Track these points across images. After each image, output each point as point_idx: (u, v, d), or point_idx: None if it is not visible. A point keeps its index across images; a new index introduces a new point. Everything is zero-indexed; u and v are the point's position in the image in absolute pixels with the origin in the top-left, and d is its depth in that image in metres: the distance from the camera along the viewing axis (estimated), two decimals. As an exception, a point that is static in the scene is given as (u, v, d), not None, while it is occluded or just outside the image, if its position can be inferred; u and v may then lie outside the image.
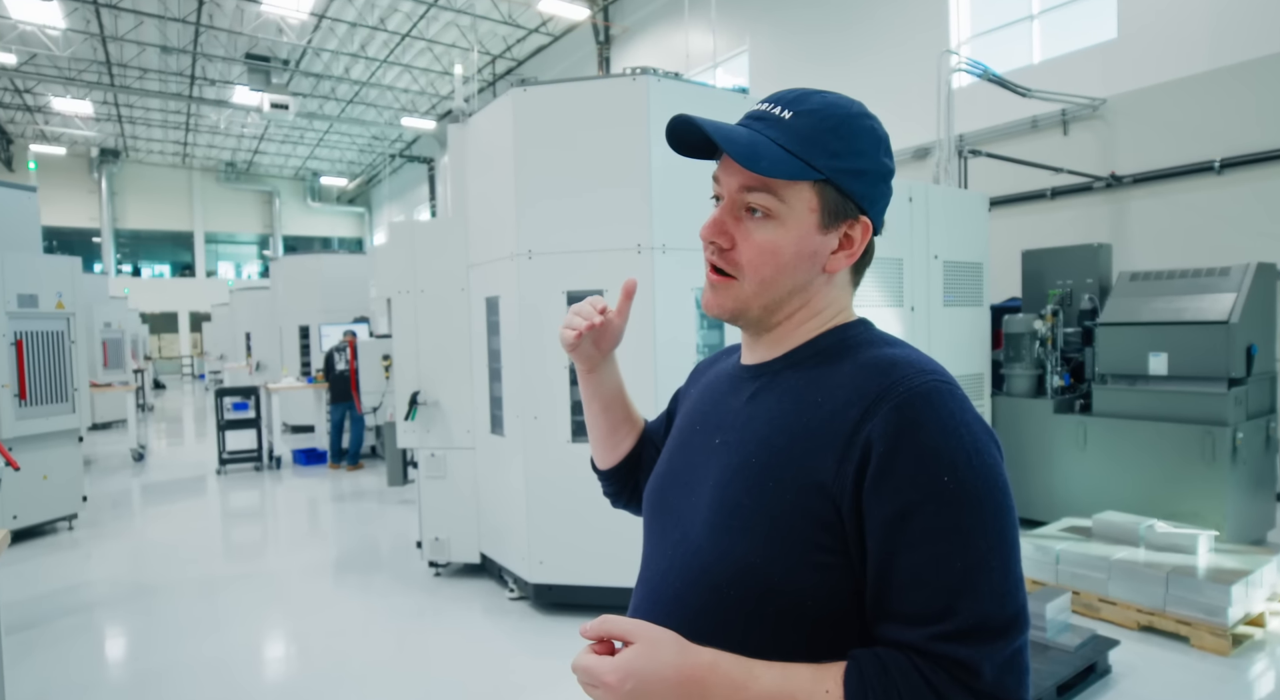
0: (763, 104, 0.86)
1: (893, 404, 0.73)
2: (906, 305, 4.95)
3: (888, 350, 0.82)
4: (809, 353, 0.86)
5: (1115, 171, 6.99)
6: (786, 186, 0.80)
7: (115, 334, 11.47)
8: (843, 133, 0.82)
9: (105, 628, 4.18)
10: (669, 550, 0.89)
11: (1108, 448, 4.92)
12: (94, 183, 25.30)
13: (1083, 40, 7.42)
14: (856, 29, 9.50)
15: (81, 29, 14.89)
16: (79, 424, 5.97)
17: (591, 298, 1.05)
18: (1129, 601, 3.69)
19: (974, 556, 0.69)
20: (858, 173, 0.83)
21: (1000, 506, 0.72)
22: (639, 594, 0.93)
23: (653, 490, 0.99)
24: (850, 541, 0.74)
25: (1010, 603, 0.70)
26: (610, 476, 1.19)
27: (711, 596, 0.80)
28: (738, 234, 0.83)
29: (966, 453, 0.71)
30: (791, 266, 0.83)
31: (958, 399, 0.75)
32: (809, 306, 0.87)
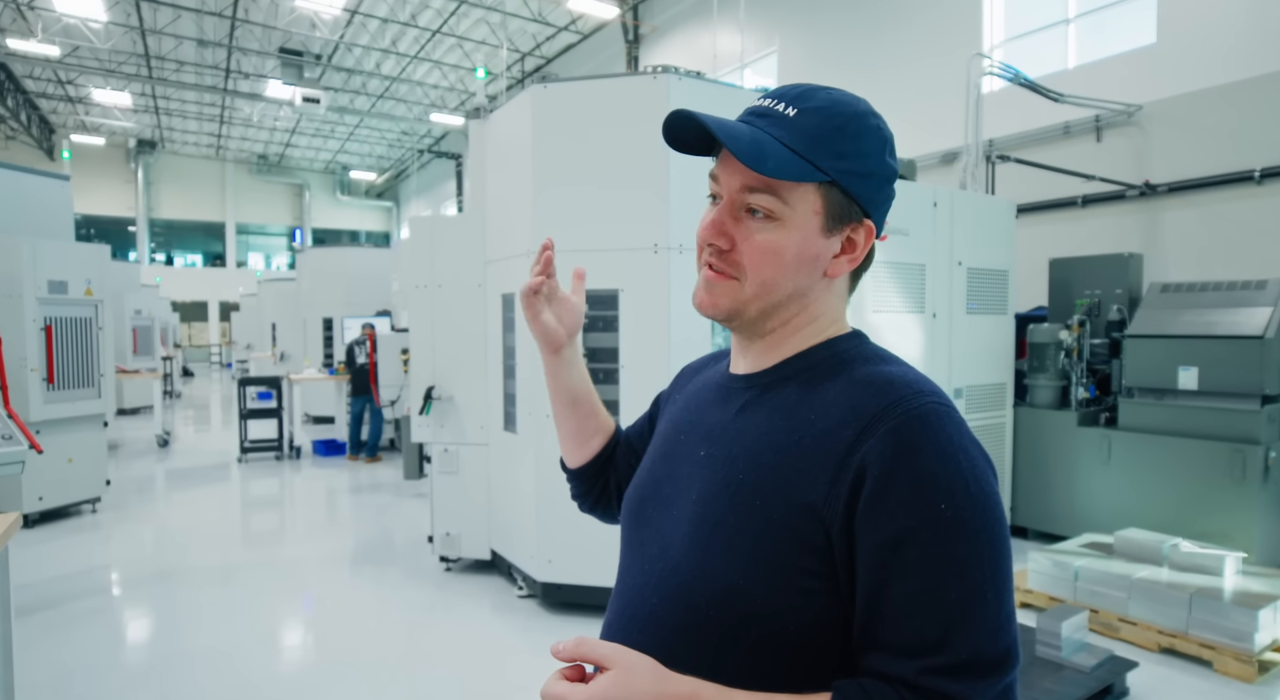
0: (765, 99, 0.82)
1: (890, 426, 0.70)
2: (928, 312, 4.87)
3: (884, 368, 0.78)
4: (801, 366, 0.83)
5: (1150, 180, 6.81)
6: (790, 188, 0.77)
7: (145, 321, 11.70)
8: (849, 133, 0.79)
9: (123, 611, 4.24)
10: (646, 565, 0.85)
11: (1132, 463, 4.80)
12: (131, 173, 25.84)
13: (1120, 45, 7.25)
14: (887, 31, 9.38)
15: (122, 22, 15.20)
16: (104, 409, 6.07)
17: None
18: (1150, 622, 3.59)
19: (969, 588, 0.66)
20: (864, 175, 0.80)
21: (997, 537, 0.69)
22: (613, 609, 0.90)
23: (632, 500, 0.95)
24: (839, 567, 0.71)
25: (1004, 637, 0.67)
26: (579, 476, 1.15)
27: (688, 616, 0.77)
28: (737, 235, 0.80)
29: (965, 479, 0.68)
30: (793, 270, 0.80)
31: (955, 422, 0.72)
32: (806, 312, 0.84)
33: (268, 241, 29.79)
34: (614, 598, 0.91)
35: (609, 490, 1.15)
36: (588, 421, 1.12)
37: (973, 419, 5.19)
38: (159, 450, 9.24)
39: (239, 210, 28.33)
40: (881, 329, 4.60)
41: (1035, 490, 5.33)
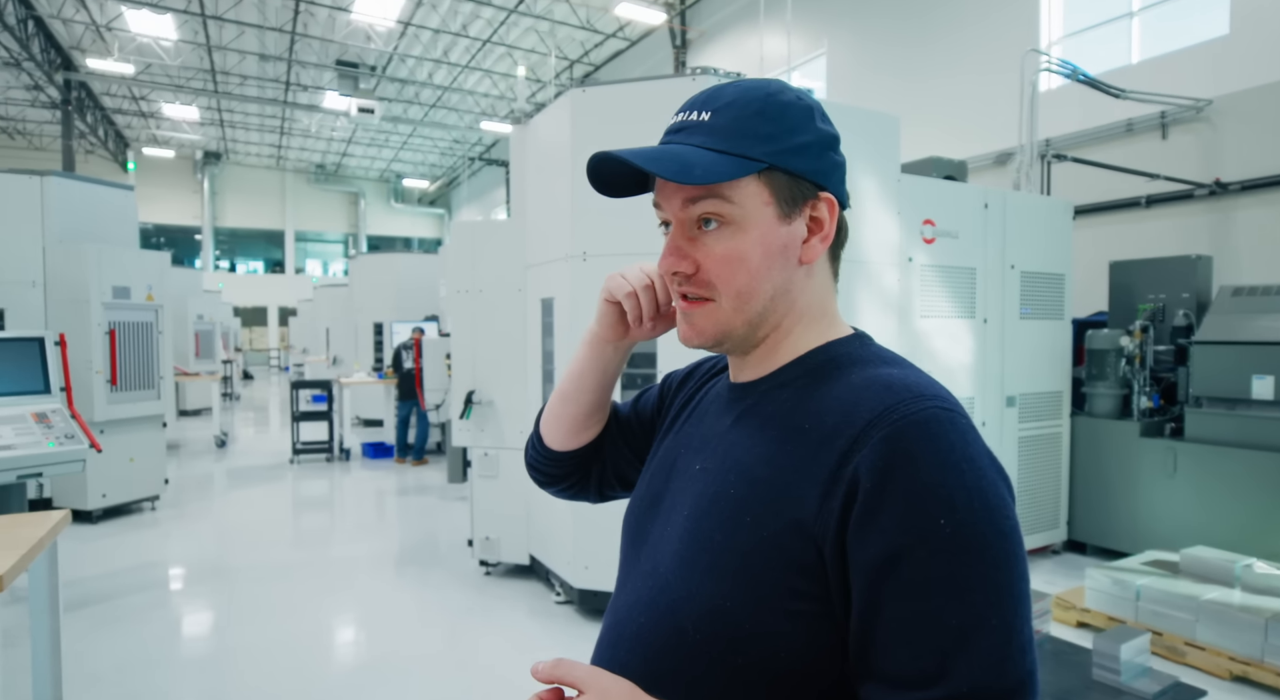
0: (678, 114, 0.79)
1: (884, 433, 0.64)
2: (979, 317, 4.70)
3: (884, 370, 0.72)
4: (798, 372, 0.78)
5: (1220, 178, 6.47)
6: (731, 187, 0.73)
7: (207, 326, 12.14)
8: (769, 115, 0.74)
9: (178, 605, 4.37)
10: (637, 582, 0.81)
11: (1200, 476, 4.54)
12: (197, 183, 26.95)
13: (1189, 38, 6.92)
14: (939, 30, 9.15)
15: (190, 39, 15.86)
16: (163, 410, 6.30)
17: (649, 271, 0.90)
18: (1220, 647, 3.37)
19: (971, 614, 0.60)
20: (799, 149, 0.74)
21: (1005, 555, 0.62)
22: (605, 626, 0.86)
23: (630, 515, 0.91)
24: (833, 589, 0.65)
25: (1013, 670, 0.60)
26: (561, 460, 1.05)
27: (675, 638, 0.72)
28: (698, 254, 0.75)
29: (968, 491, 0.62)
30: (764, 269, 0.75)
31: (960, 429, 0.65)
32: (794, 309, 0.78)
33: (325, 248, 30.71)
34: (608, 614, 0.87)
35: (588, 479, 1.07)
36: (596, 412, 1.03)
37: (1027, 428, 4.99)
38: (217, 450, 9.56)
39: (298, 218, 29.27)
40: (929, 335, 4.45)
41: (1094, 503, 5.09)
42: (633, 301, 0.89)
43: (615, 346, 0.97)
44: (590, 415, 1.02)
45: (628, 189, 0.82)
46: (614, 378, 1.00)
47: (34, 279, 5.68)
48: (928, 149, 6.03)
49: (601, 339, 0.96)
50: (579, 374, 0.99)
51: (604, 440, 1.06)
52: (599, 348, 0.97)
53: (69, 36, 15.78)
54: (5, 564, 1.89)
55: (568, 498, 1.11)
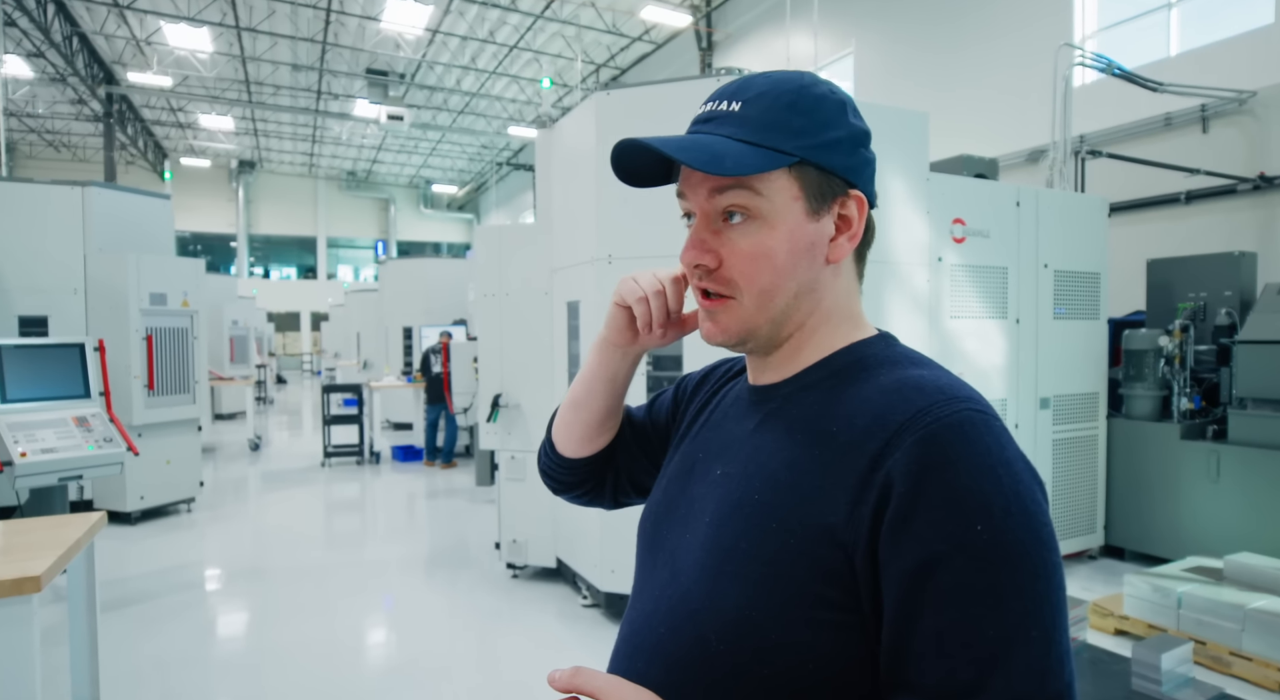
0: (707, 104, 0.76)
1: (918, 436, 0.62)
2: (1011, 317, 4.61)
3: (914, 372, 0.70)
4: (823, 373, 0.75)
5: (1265, 172, 6.28)
6: (760, 180, 0.71)
7: (242, 331, 12.39)
8: (801, 107, 0.72)
9: (214, 606, 4.46)
10: (657, 591, 0.79)
11: (1245, 481, 4.39)
12: (232, 191, 27.54)
13: (1230, 29, 6.73)
14: (969, 24, 9.01)
15: (225, 51, 16.23)
16: (199, 414, 6.43)
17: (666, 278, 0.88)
18: (1268, 658, 3.26)
19: (1009, 623, 0.57)
20: (831, 144, 0.72)
21: (1043, 564, 0.59)
22: (622, 636, 0.84)
23: (646, 521, 0.89)
24: (864, 598, 0.63)
25: (1052, 681, 0.57)
26: (574, 466, 1.03)
27: (697, 648, 0.70)
28: (722, 248, 0.73)
29: (1005, 496, 0.59)
30: (790, 267, 0.73)
31: (995, 432, 0.63)
32: (820, 309, 0.76)
33: (356, 254, 31.17)
34: (624, 623, 0.85)
35: (602, 486, 1.05)
36: (609, 419, 1.01)
37: (1062, 431, 4.87)
38: (251, 453, 9.73)
39: (330, 224, 29.76)
40: (960, 336, 4.38)
41: (1132, 508, 4.96)
42: (643, 307, 0.88)
43: (624, 352, 0.94)
44: (601, 422, 1.00)
45: (653, 179, 0.80)
46: (624, 384, 0.98)
47: (75, 286, 5.84)
48: (958, 148, 5.93)
49: (610, 344, 0.94)
50: (589, 380, 0.97)
51: (617, 446, 1.03)
52: (608, 353, 0.95)
53: (111, 51, 16.24)
54: (43, 564, 1.93)
55: (582, 504, 1.09)
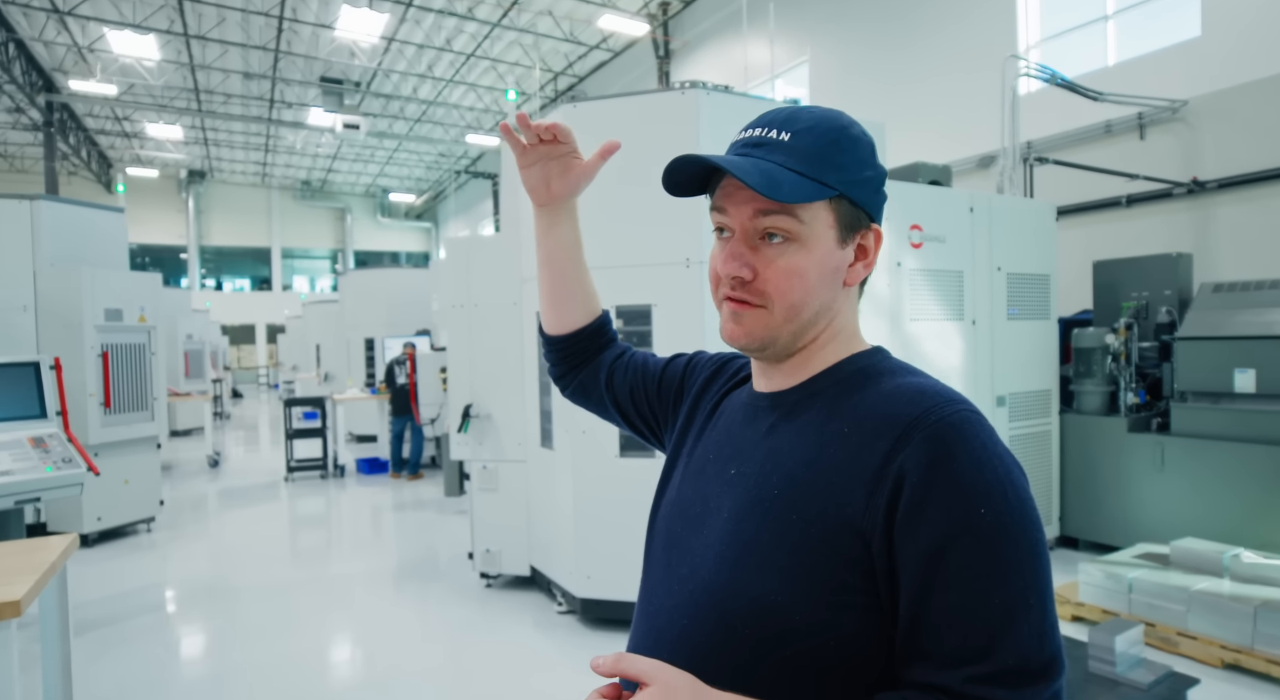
0: (752, 129, 0.84)
1: (925, 434, 0.70)
2: (967, 319, 4.78)
3: (911, 379, 0.79)
4: (828, 382, 0.84)
5: (1198, 177, 6.61)
6: (805, 208, 0.79)
7: (196, 345, 12.09)
8: (843, 146, 0.81)
9: (178, 627, 4.37)
10: (675, 586, 0.85)
11: (1187, 470, 4.63)
12: (182, 202, 26.84)
13: (1162, 40, 7.07)
14: (919, 38, 9.30)
15: (173, 59, 15.85)
16: (158, 431, 6.29)
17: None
18: (1212, 637, 3.45)
19: (1012, 594, 0.66)
20: (864, 182, 0.82)
21: (1035, 542, 0.68)
22: (640, 630, 0.90)
23: (661, 520, 0.95)
24: (879, 580, 0.70)
25: (1049, 643, 0.66)
26: (552, 344, 1.19)
27: (722, 634, 0.77)
28: (758, 263, 0.81)
29: (1002, 485, 0.68)
30: (817, 287, 0.81)
31: (987, 430, 0.72)
32: (832, 326, 0.85)
33: (312, 264, 30.61)
34: (639, 619, 0.91)
35: (595, 389, 1.18)
36: (560, 286, 1.14)
37: (1017, 427, 5.07)
38: (210, 470, 9.51)
39: (284, 235, 29.18)
40: (920, 338, 4.53)
41: (1085, 499, 5.17)
42: (508, 135, 1.03)
43: (548, 211, 1.11)
44: (555, 291, 1.15)
45: (689, 191, 0.88)
46: (562, 251, 1.13)
47: (25, 303, 5.67)
48: (912, 153, 6.13)
49: (535, 207, 1.12)
50: (536, 245, 1.15)
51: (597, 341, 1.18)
52: (536, 216, 1.13)
53: (51, 58, 15.74)
54: (21, 589, 1.91)
55: (580, 402, 1.22)
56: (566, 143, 1.04)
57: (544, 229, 1.13)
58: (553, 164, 1.07)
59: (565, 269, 1.14)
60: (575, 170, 1.07)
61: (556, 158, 1.06)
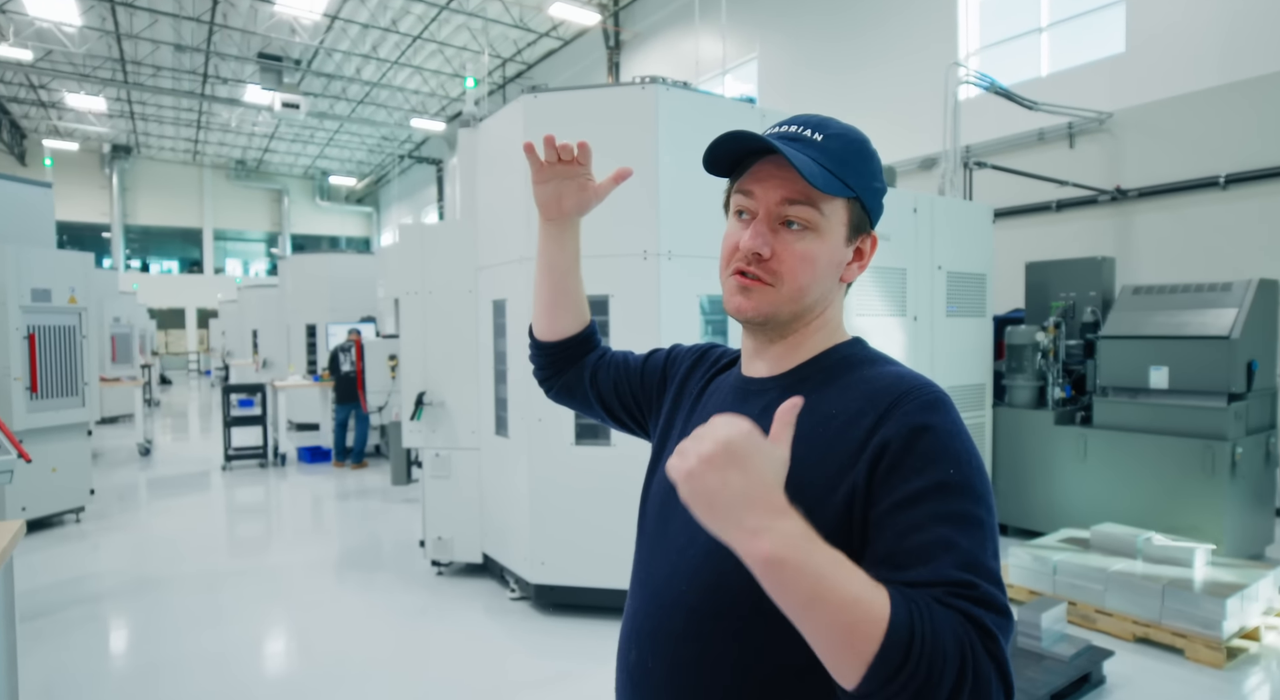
0: (789, 126, 0.91)
1: (904, 410, 0.80)
2: (909, 315, 4.99)
3: (889, 368, 0.89)
4: (815, 369, 0.92)
5: (1120, 185, 7.02)
6: (827, 202, 0.87)
7: (124, 329, 11.57)
8: (864, 155, 0.91)
9: (111, 619, 4.23)
10: (673, 556, 0.93)
11: (1107, 460, 4.95)
12: (105, 178, 25.50)
13: (1091, 54, 7.46)
14: (866, 39, 9.56)
15: (97, 26, 15.04)
16: (88, 418, 6.04)
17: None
18: (1125, 613, 3.72)
19: (975, 541, 0.73)
20: (875, 192, 0.92)
21: (991, 506, 0.77)
22: (639, 597, 0.97)
23: (654, 496, 1.02)
24: (855, 533, 0.77)
25: (1001, 591, 0.73)
26: (542, 349, 1.27)
27: (720, 597, 0.85)
28: (777, 244, 0.89)
29: (968, 453, 0.78)
30: (822, 276, 0.90)
31: (954, 409, 0.82)
32: (823, 315, 0.94)
33: (246, 247, 29.53)
34: (636, 587, 0.98)
35: (579, 387, 1.25)
36: (559, 297, 1.22)
37: (953, 419, 5.31)
38: (141, 459, 9.15)
39: (217, 216, 28.05)
40: (865, 332, 4.71)
41: (1014, 488, 5.47)
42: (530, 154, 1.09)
43: (555, 227, 1.18)
44: (554, 303, 1.22)
45: (722, 171, 0.95)
46: (563, 264, 1.20)
47: (-57, 281, 5.37)
48: (859, 155, 6.31)
49: (542, 220, 1.18)
50: (537, 261, 1.22)
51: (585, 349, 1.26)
52: (542, 229, 1.20)
53: (-40, 20, 14.75)
54: (-28, 575, 1.86)
55: (564, 401, 1.30)
56: (584, 164, 1.12)
57: (549, 242, 1.20)
58: (568, 183, 1.14)
59: (564, 280, 1.21)
60: (588, 191, 1.15)
61: (572, 177, 1.13)
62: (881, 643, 0.62)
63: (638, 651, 0.94)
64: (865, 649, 0.62)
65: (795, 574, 0.63)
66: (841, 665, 0.64)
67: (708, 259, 3.99)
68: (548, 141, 1.09)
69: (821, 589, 0.63)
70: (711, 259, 4.01)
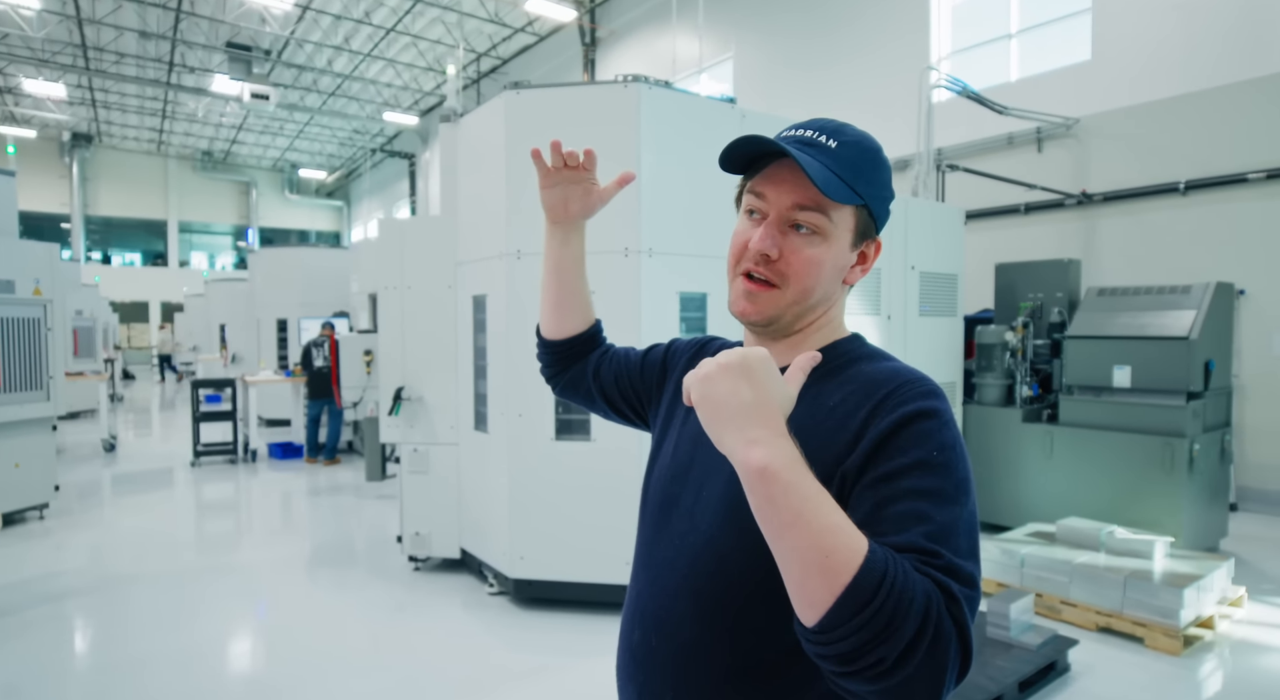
0: (803, 130, 0.94)
1: (897, 401, 0.84)
2: (883, 314, 5.09)
3: (887, 363, 0.93)
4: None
5: (1086, 189, 7.21)
6: (836, 209, 0.90)
7: (86, 322, 11.29)
8: (876, 163, 0.94)
9: (76, 618, 4.15)
10: (676, 540, 0.96)
11: (1073, 457, 5.09)
12: (65, 167, 24.81)
13: (1058, 61, 7.65)
14: (841, 41, 9.68)
15: (57, 10, 14.63)
16: (53, 412, 5.90)
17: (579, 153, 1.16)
18: (1089, 603, 3.84)
19: (950, 517, 0.76)
20: (884, 200, 0.96)
21: (971, 492, 0.81)
22: (642, 579, 1.00)
23: (655, 483, 1.06)
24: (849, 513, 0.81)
25: (974, 564, 0.76)
26: (549, 348, 1.31)
27: (721, 579, 0.88)
28: (785, 247, 0.92)
29: (954, 442, 0.82)
30: (826, 279, 0.93)
31: (947, 404, 0.86)
32: (826, 315, 0.98)
33: (212, 240, 28.94)
34: (639, 571, 1.02)
35: (583, 381, 1.30)
36: (566, 297, 1.27)
37: (925, 416, 5.42)
38: (105, 455, 8.96)
39: (182, 208, 27.44)
40: (840, 330, 4.78)
41: (983, 484, 5.60)
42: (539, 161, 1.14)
43: (561, 230, 1.22)
44: (561, 303, 1.27)
45: (737, 169, 0.97)
46: (569, 265, 1.25)
47: (-100, 271, 5.22)
48: (835, 156, 6.39)
49: (549, 223, 1.23)
50: (545, 263, 1.27)
51: (590, 347, 1.31)
52: (548, 232, 1.24)
53: (-87, 2, 14.24)
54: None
55: (569, 397, 1.35)
56: (590, 170, 1.16)
57: (556, 244, 1.24)
58: (573, 188, 1.18)
59: (571, 281, 1.26)
60: (594, 195, 1.19)
61: (577, 182, 1.17)
62: (855, 575, 0.63)
63: (641, 632, 0.98)
64: (837, 579, 0.64)
65: (784, 490, 0.66)
66: (811, 594, 0.65)
67: (688, 256, 4.04)
68: (554, 147, 1.13)
69: (806, 510, 0.66)
70: (692, 256, 4.05)
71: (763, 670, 0.86)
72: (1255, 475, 6.17)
